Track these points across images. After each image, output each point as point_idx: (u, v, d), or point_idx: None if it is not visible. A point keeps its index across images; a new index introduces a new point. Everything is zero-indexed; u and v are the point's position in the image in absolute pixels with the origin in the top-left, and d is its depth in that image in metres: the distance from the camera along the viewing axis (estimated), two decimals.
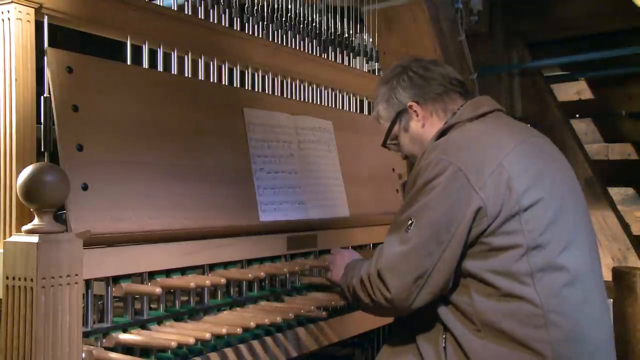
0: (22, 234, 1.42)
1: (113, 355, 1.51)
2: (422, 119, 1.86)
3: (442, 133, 1.79)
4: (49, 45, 1.61)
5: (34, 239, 1.38)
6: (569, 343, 1.57)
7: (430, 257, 1.60)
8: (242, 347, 1.80)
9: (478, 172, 1.60)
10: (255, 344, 1.83)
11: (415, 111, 1.86)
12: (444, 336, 1.68)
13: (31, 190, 1.40)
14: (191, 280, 1.71)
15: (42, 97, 1.59)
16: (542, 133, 1.84)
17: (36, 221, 1.43)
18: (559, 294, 1.58)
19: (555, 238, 1.61)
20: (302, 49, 2.56)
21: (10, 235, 1.50)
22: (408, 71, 1.88)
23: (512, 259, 1.58)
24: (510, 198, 1.58)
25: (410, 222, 1.64)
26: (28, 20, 1.57)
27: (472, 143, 1.69)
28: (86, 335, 1.53)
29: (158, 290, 1.60)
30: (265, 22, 2.40)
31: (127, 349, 1.60)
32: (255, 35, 2.35)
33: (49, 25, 1.65)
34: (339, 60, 2.78)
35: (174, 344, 1.50)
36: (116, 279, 1.62)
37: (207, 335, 1.57)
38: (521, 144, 1.69)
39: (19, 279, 1.38)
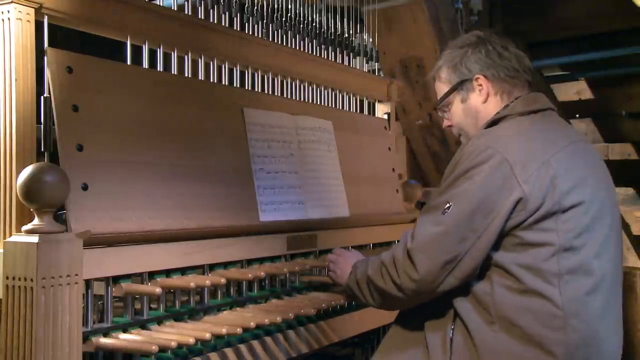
0: (22, 234, 1.43)
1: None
2: (485, 95, 1.80)
3: (493, 123, 1.76)
4: (49, 45, 1.61)
5: (34, 239, 1.38)
6: (584, 350, 1.57)
7: (463, 243, 1.59)
8: (242, 347, 1.80)
9: (524, 165, 1.58)
10: (255, 344, 1.83)
11: (480, 85, 1.80)
12: (452, 326, 1.67)
13: (31, 190, 1.40)
14: (191, 280, 1.70)
15: (42, 97, 1.59)
16: None
17: (36, 221, 1.43)
18: (582, 299, 1.58)
19: (588, 243, 1.61)
20: (302, 49, 2.56)
21: (10, 235, 1.50)
22: (487, 44, 1.80)
23: (543, 257, 1.57)
24: (552, 196, 1.57)
25: (448, 205, 1.62)
26: (28, 20, 1.57)
27: (521, 136, 1.67)
28: (86, 335, 1.53)
29: (158, 290, 1.60)
30: (265, 22, 2.40)
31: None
32: (255, 35, 2.35)
33: (49, 25, 1.65)
34: (339, 60, 2.78)
35: (174, 344, 1.50)
36: (116, 279, 1.62)
37: (207, 335, 1.57)
38: (569, 145, 1.68)
39: (19, 279, 1.38)
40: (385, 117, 3.00)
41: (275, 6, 2.46)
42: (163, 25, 1.93)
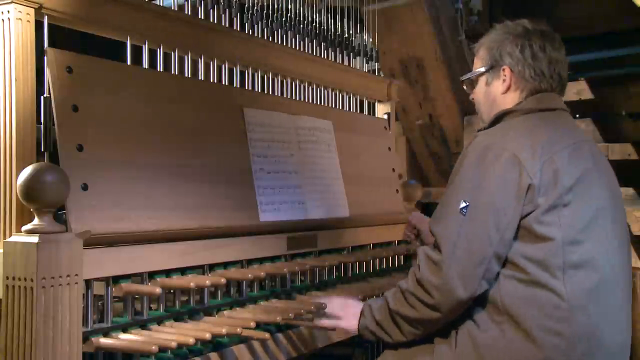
0: (22, 234, 1.43)
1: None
2: (506, 86, 1.82)
3: (497, 119, 1.78)
4: (49, 45, 1.61)
5: (34, 239, 1.38)
6: (585, 343, 1.58)
7: (490, 241, 1.59)
8: (242, 347, 1.80)
9: (531, 159, 1.61)
10: (255, 344, 1.83)
11: (505, 75, 1.82)
12: (457, 325, 1.66)
13: (31, 190, 1.40)
14: (191, 280, 1.71)
15: (42, 97, 1.59)
16: None
17: (36, 221, 1.43)
18: (586, 293, 1.59)
19: (592, 238, 1.63)
20: (302, 49, 2.56)
21: (10, 235, 1.50)
22: (528, 39, 1.81)
23: (548, 250, 1.59)
24: (555, 190, 1.60)
25: (464, 204, 1.62)
26: (28, 20, 1.57)
27: (526, 132, 1.69)
28: (86, 335, 1.53)
29: (158, 290, 1.60)
30: (265, 22, 2.40)
31: None
32: (255, 35, 2.35)
33: (49, 25, 1.65)
34: (339, 60, 2.78)
35: (173, 344, 1.50)
36: (116, 279, 1.62)
37: (207, 335, 1.57)
38: (574, 144, 1.71)
39: (19, 279, 1.38)
40: (385, 117, 3.00)
41: (275, 6, 2.46)
42: (163, 25, 1.93)
